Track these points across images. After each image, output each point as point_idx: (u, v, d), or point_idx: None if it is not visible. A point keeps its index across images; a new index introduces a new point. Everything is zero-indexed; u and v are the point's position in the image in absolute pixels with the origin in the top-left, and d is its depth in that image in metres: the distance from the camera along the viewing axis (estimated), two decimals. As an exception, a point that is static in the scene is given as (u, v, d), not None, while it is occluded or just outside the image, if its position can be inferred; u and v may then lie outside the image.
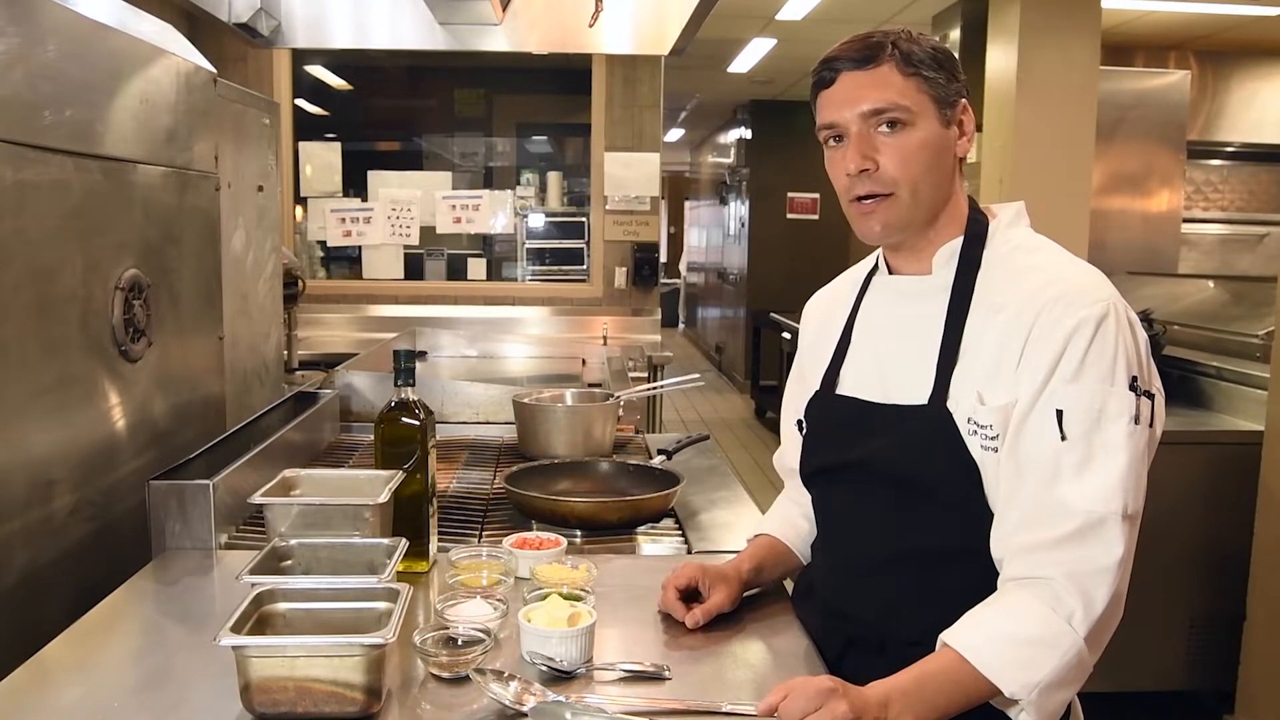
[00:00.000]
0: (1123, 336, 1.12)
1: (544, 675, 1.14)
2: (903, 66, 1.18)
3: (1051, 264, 1.20)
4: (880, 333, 1.30)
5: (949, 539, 1.20)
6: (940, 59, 1.20)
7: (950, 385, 1.18)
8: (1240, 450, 2.99)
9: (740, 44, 6.88)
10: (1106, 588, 1.08)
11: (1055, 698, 1.08)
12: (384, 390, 2.46)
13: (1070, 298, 1.13)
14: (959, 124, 1.21)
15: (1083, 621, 1.07)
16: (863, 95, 1.19)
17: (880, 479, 1.24)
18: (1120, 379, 1.10)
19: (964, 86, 1.23)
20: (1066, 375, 1.10)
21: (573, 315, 5.13)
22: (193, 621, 1.34)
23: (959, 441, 1.16)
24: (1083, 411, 1.10)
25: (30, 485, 1.38)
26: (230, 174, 2.14)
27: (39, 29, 1.40)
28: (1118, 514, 1.08)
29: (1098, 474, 1.09)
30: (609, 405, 2.26)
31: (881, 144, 1.19)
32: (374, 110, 6.14)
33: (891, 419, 1.23)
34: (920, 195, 1.20)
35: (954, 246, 1.23)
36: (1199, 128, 5.95)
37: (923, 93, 1.18)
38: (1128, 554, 1.09)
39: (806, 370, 1.42)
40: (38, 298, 1.40)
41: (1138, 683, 3.09)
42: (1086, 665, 1.09)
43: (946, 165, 1.22)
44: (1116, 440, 1.09)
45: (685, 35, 2.48)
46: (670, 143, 13.04)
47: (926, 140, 1.19)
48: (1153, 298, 3.91)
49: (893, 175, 1.19)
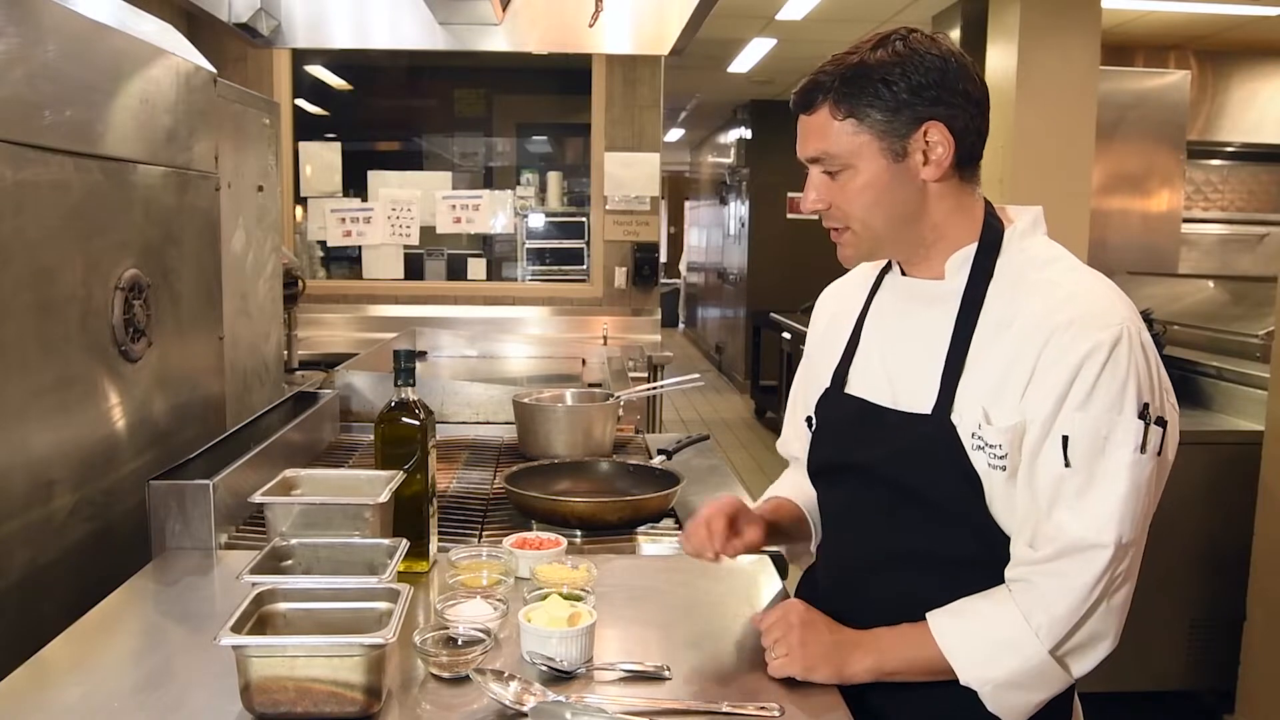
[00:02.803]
0: (1135, 362, 1.10)
1: (544, 675, 1.14)
2: (837, 109, 1.16)
3: (1065, 280, 1.17)
4: (889, 334, 1.29)
5: (947, 547, 1.20)
6: (895, 88, 1.13)
7: (955, 397, 1.17)
8: (1240, 450, 3.00)
9: (740, 44, 6.88)
10: (1074, 610, 1.10)
11: (1014, 697, 1.14)
12: (384, 390, 2.46)
13: (1084, 321, 1.11)
14: (923, 150, 1.16)
15: (1048, 635, 1.11)
16: (803, 142, 1.20)
17: (881, 483, 1.24)
18: (1129, 407, 1.09)
19: (942, 102, 1.15)
20: (1076, 402, 1.09)
21: (573, 315, 5.13)
22: (193, 621, 1.34)
23: (961, 454, 1.16)
24: (1088, 439, 1.09)
25: (30, 485, 1.38)
26: (230, 174, 2.14)
27: (39, 29, 1.40)
28: (1109, 544, 1.08)
29: (1095, 503, 1.09)
30: (609, 405, 2.26)
31: (825, 186, 1.20)
32: (374, 110, 6.14)
33: (895, 425, 1.22)
34: (875, 229, 1.20)
35: (967, 253, 1.21)
36: (1199, 128, 5.95)
37: (861, 134, 1.15)
38: (1116, 579, 1.10)
39: (816, 362, 1.41)
40: (38, 298, 1.40)
41: (1138, 683, 3.10)
42: (1054, 675, 1.13)
43: (902, 198, 1.18)
44: (1118, 469, 1.09)
45: (685, 35, 2.48)
46: (670, 143, 13.04)
47: (869, 182, 1.17)
48: (1153, 298, 3.91)
49: (843, 213, 1.20)
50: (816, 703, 1.12)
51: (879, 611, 1.22)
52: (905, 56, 1.14)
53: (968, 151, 1.19)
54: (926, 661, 1.16)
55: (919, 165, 1.17)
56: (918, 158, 1.17)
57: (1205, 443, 3.04)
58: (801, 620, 1.19)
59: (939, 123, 1.15)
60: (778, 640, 1.18)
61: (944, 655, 1.15)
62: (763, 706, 1.09)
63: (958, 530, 1.19)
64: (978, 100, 1.18)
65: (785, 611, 1.21)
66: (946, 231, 1.21)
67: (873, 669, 1.17)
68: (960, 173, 1.19)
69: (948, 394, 1.17)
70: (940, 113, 1.15)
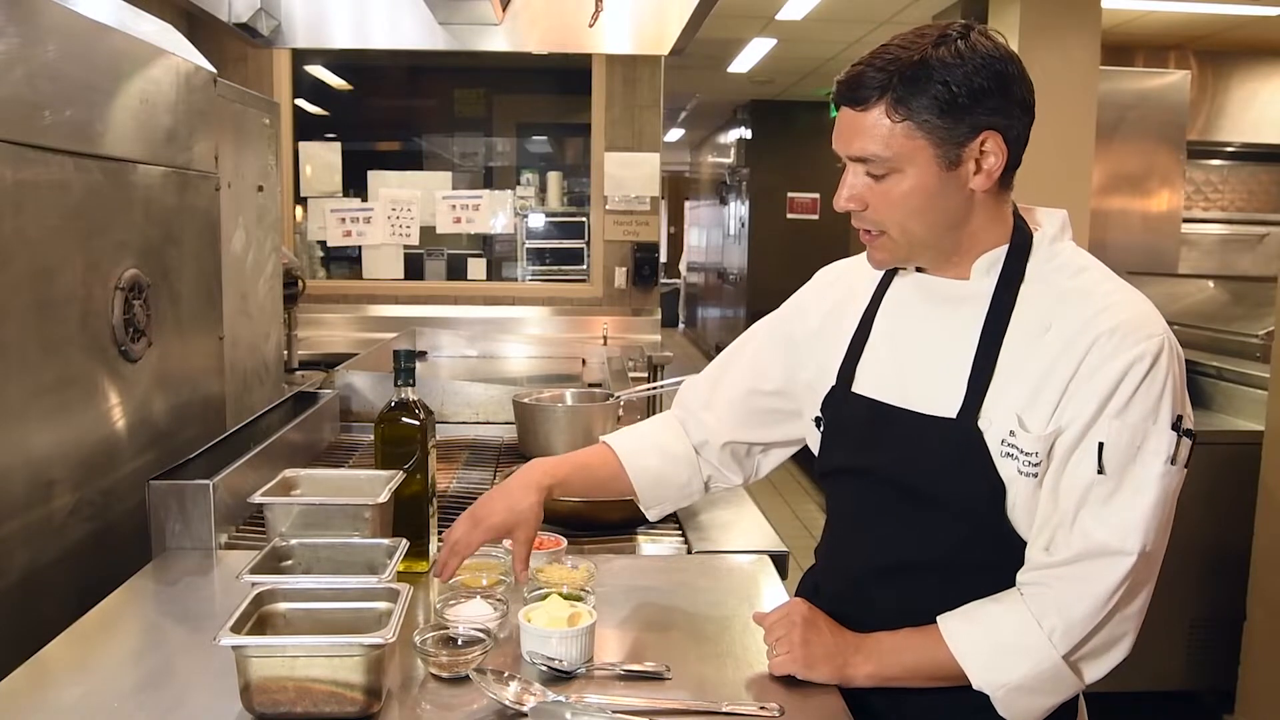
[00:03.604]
0: (1172, 373, 1.09)
1: (544, 675, 1.14)
2: (894, 111, 1.08)
3: (1100, 289, 1.15)
4: (906, 332, 1.24)
5: (957, 553, 1.18)
6: (956, 92, 1.07)
7: (984, 403, 1.14)
8: (1240, 450, 2.99)
9: (740, 44, 6.88)
10: (1091, 615, 1.09)
11: (1025, 701, 1.13)
12: (384, 390, 2.46)
13: (1125, 331, 1.09)
14: (977, 159, 1.11)
15: (1062, 639, 1.10)
16: (849, 139, 1.13)
17: (894, 486, 1.21)
18: (1164, 417, 1.08)
19: (1001, 111, 1.10)
20: (1115, 409, 1.08)
21: (573, 315, 5.12)
22: (193, 621, 1.34)
23: (987, 460, 1.13)
24: (1123, 447, 1.08)
25: (30, 485, 1.38)
26: (230, 174, 2.14)
27: (39, 29, 1.40)
28: (1132, 552, 1.08)
29: (1122, 509, 1.08)
30: (609, 405, 2.26)
31: (866, 186, 1.14)
32: (374, 110, 6.14)
33: (913, 427, 1.19)
34: (913, 235, 1.15)
35: (996, 256, 1.17)
36: (1199, 128, 5.95)
37: (916, 139, 1.09)
38: (1135, 586, 1.10)
39: (799, 342, 1.36)
40: (38, 298, 1.40)
41: (1138, 683, 3.09)
42: (1066, 679, 1.12)
43: (947, 206, 1.13)
44: (1148, 478, 1.08)
45: (685, 35, 2.48)
46: (670, 143, 13.04)
47: (916, 188, 1.11)
48: (1153, 298, 3.85)
49: (880, 217, 1.15)
50: (816, 703, 1.12)
51: (882, 615, 1.21)
52: (969, 58, 1.08)
53: (1016, 160, 1.14)
54: (930, 667, 1.15)
55: (970, 174, 1.12)
56: (970, 166, 1.11)
57: (1205, 443, 2.99)
58: (804, 619, 1.19)
59: (997, 132, 1.10)
60: (779, 638, 1.18)
61: (953, 659, 1.13)
62: (763, 706, 1.09)
63: (971, 535, 1.17)
64: (1030, 107, 1.13)
65: (788, 610, 1.21)
66: (982, 238, 1.17)
67: (873, 675, 1.16)
68: (1002, 180, 1.15)
69: (975, 399, 1.14)
70: (998, 122, 1.10)
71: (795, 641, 1.16)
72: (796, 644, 1.16)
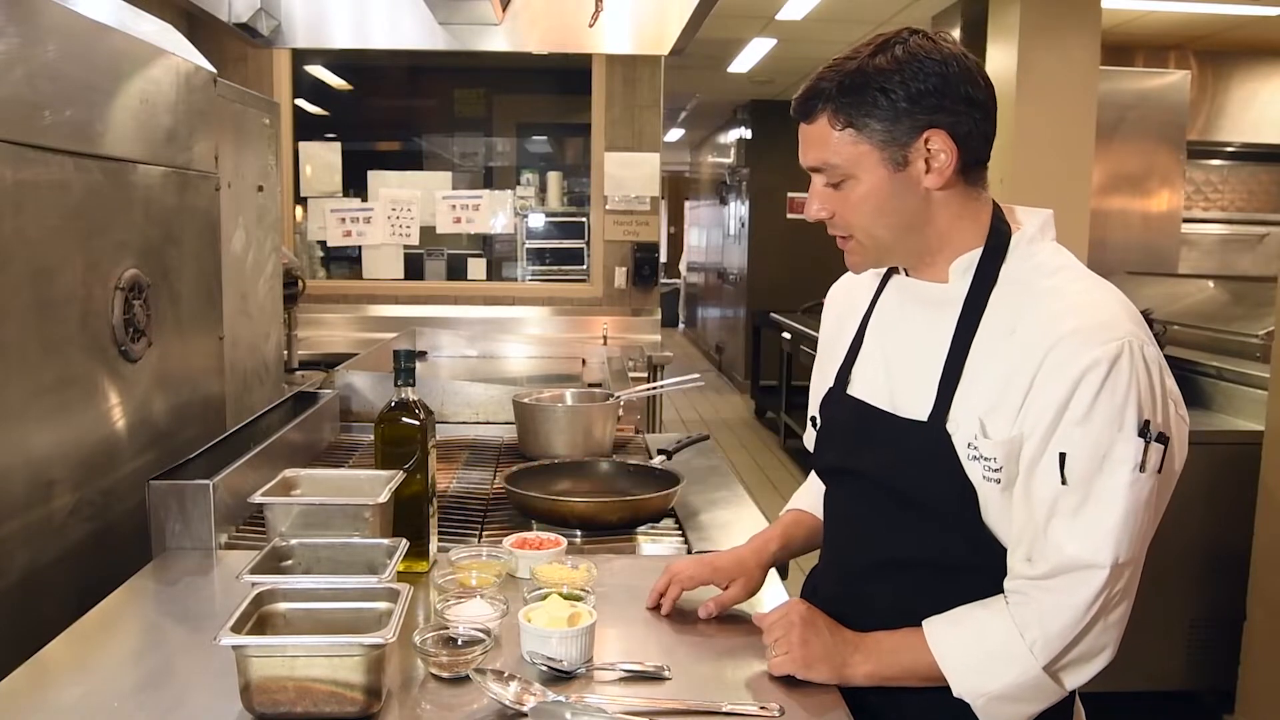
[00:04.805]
0: (1136, 378, 1.07)
1: (544, 675, 1.14)
2: (836, 119, 1.13)
3: (1070, 290, 1.14)
4: (891, 335, 1.27)
5: (943, 554, 1.19)
6: (894, 97, 1.11)
7: (951, 406, 1.15)
8: (1240, 450, 2.99)
9: (740, 44, 6.88)
10: (1070, 627, 1.09)
11: (1006, 709, 1.14)
12: (384, 390, 2.46)
13: (1085, 334, 1.07)
14: (925, 158, 1.13)
15: (1043, 651, 1.10)
16: (804, 151, 1.19)
17: (879, 488, 1.23)
18: (1129, 424, 1.06)
19: (943, 110, 1.12)
20: (1075, 418, 1.07)
21: (573, 315, 5.13)
22: (193, 621, 1.34)
23: (956, 463, 1.14)
24: (1086, 457, 1.07)
25: (30, 485, 1.38)
26: (230, 174, 2.14)
27: (39, 29, 1.40)
28: (1105, 565, 1.07)
29: (1091, 522, 1.07)
30: (609, 405, 2.26)
31: (828, 195, 1.18)
32: (374, 110, 6.14)
33: (893, 430, 1.21)
34: (879, 238, 1.19)
35: (972, 258, 1.18)
36: (1199, 128, 5.95)
37: (860, 144, 1.13)
38: (1114, 597, 1.09)
39: (824, 361, 1.41)
40: (38, 298, 1.40)
41: (1138, 683, 3.09)
42: (1047, 688, 1.12)
43: (903, 207, 1.16)
44: (1116, 488, 1.07)
45: (685, 35, 2.48)
46: (670, 143, 13.04)
47: (870, 191, 1.15)
48: (1153, 298, 3.91)
49: (845, 222, 1.19)
50: (816, 703, 1.12)
51: (879, 614, 1.21)
52: (905, 63, 1.11)
53: (973, 156, 1.15)
54: (926, 668, 1.15)
55: (921, 174, 1.14)
56: (920, 166, 1.14)
57: (1205, 443, 3.03)
58: (803, 619, 1.19)
59: (941, 130, 1.12)
60: (779, 638, 1.18)
61: (938, 664, 1.14)
62: (763, 706, 1.09)
63: (953, 537, 1.17)
64: (982, 103, 1.14)
65: (787, 610, 1.22)
66: (952, 237, 1.18)
67: (872, 674, 1.17)
68: (965, 177, 1.16)
69: (944, 402, 1.15)
70: (942, 120, 1.12)
71: (794, 641, 1.17)
72: (795, 644, 1.16)
